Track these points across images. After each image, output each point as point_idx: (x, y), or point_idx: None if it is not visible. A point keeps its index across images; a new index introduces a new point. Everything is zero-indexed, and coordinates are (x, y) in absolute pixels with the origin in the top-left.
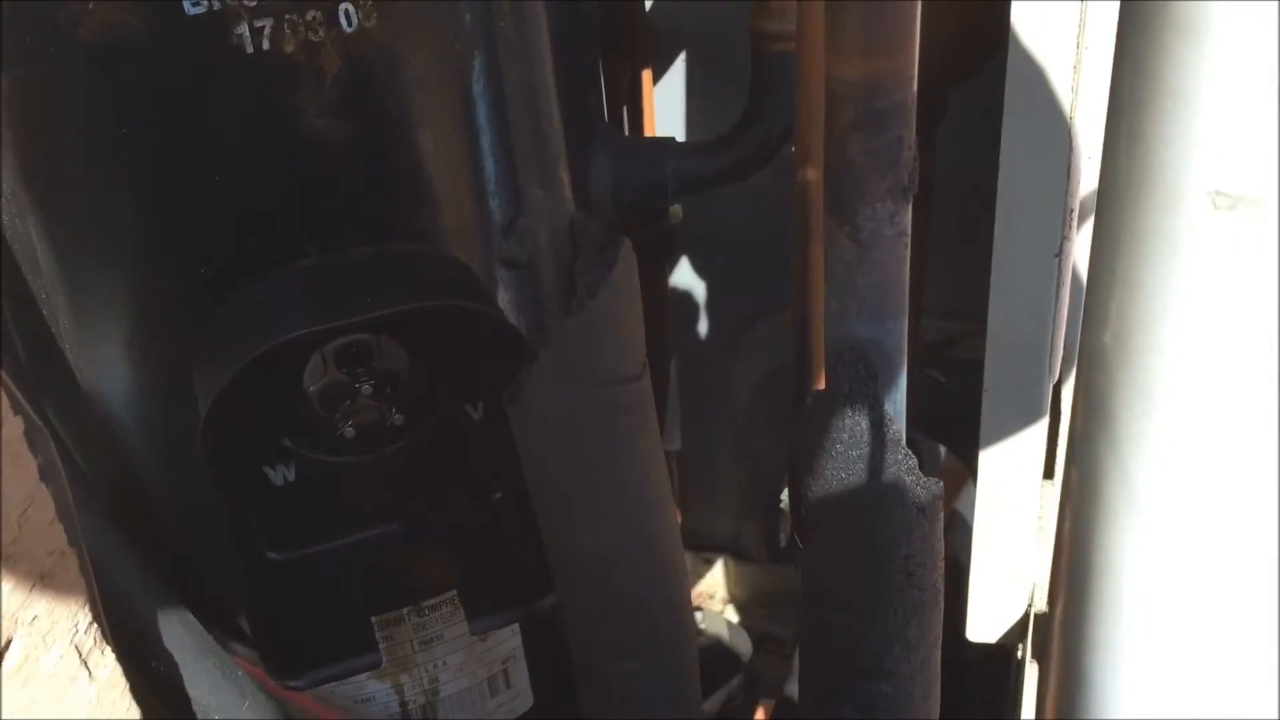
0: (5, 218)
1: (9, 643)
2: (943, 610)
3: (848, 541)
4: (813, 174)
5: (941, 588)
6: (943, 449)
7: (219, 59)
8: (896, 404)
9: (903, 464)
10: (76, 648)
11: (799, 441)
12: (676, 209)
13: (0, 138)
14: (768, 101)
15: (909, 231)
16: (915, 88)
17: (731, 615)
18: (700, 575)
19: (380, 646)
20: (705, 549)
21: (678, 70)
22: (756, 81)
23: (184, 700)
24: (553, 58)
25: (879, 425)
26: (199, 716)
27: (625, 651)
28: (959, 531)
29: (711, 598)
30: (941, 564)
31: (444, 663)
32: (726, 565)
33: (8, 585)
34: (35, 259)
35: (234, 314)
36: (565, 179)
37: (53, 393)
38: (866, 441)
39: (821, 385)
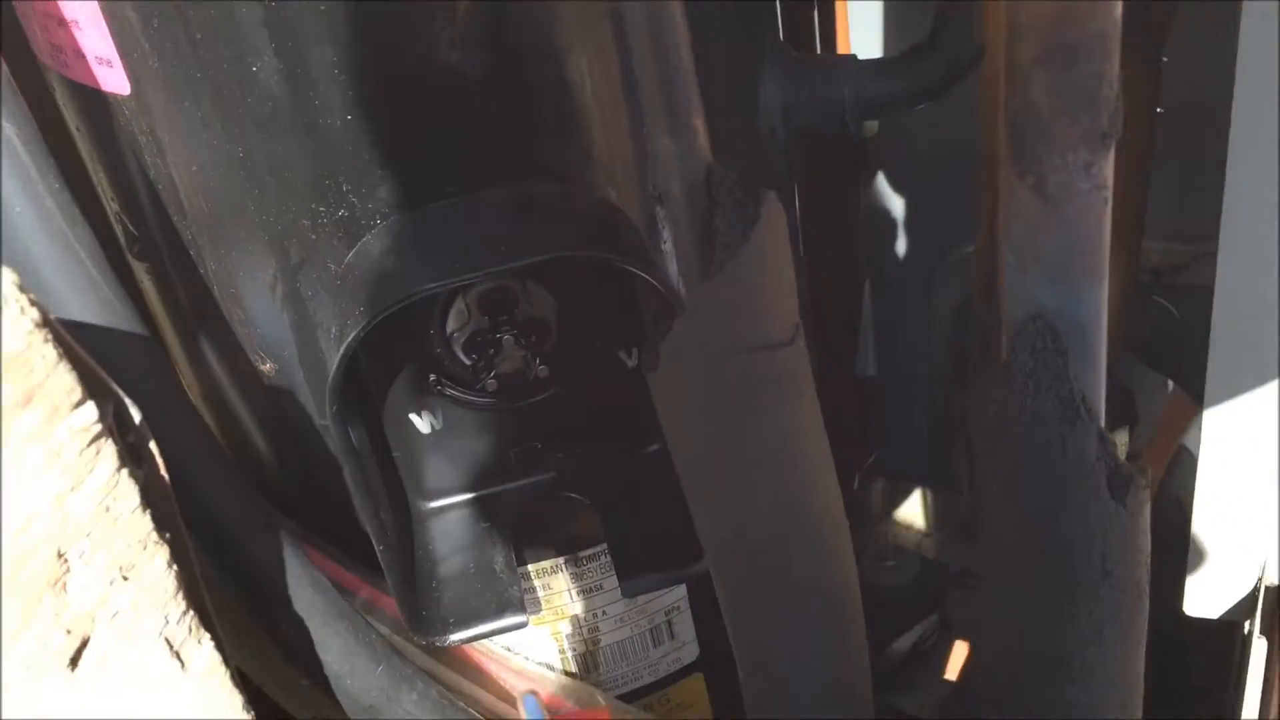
0: (148, 158)
1: (86, 641)
2: (1147, 605)
3: (1029, 539)
4: (992, 111)
5: (1146, 584)
6: (1170, 383)
7: None
8: (1092, 382)
9: (1097, 451)
10: (167, 640)
11: (973, 423)
12: (871, 123)
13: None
14: (956, 20)
15: (1109, 184)
16: (1119, 11)
17: (930, 549)
18: (898, 505)
19: (538, 595)
20: (902, 478)
21: None
22: None
23: (316, 665)
24: None
25: (1068, 408)
26: (332, 681)
27: (781, 633)
28: (1184, 470)
29: (909, 529)
30: (1146, 558)
31: (603, 613)
32: (924, 495)
33: (83, 581)
34: (179, 201)
35: (366, 262)
36: (700, 126)
37: (202, 341)
38: (1053, 426)
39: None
